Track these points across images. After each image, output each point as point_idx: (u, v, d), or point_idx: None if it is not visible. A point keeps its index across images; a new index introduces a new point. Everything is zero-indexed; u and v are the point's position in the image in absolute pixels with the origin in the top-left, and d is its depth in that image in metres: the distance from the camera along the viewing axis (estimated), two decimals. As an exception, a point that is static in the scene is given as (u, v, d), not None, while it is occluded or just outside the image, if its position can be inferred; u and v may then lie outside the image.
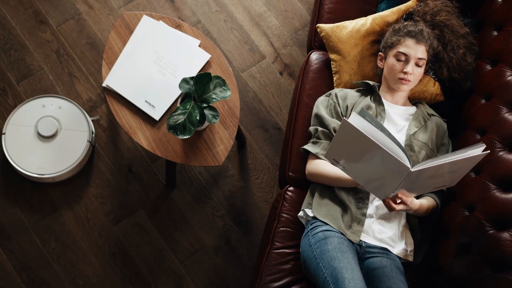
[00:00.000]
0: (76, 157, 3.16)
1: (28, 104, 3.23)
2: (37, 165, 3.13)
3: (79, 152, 3.16)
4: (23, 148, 3.15)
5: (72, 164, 3.15)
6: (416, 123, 2.64)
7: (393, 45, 2.63)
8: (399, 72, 2.60)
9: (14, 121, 3.20)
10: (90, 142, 3.19)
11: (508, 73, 2.59)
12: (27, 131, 3.18)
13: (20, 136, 3.17)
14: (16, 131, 3.18)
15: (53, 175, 3.13)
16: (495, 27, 2.77)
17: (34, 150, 3.16)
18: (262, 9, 3.58)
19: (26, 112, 3.21)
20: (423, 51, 2.61)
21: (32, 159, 3.14)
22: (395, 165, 2.16)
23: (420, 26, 2.64)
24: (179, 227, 3.19)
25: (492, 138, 2.49)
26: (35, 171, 3.12)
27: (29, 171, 3.12)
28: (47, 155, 3.15)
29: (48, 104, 3.23)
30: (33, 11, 3.49)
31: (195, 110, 2.59)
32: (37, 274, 3.09)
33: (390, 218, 2.54)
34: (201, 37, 2.91)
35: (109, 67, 2.85)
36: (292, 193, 2.73)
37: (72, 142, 3.17)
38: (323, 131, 2.64)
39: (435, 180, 2.28)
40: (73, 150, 3.16)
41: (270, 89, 3.44)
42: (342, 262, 2.37)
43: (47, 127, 3.16)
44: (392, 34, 2.66)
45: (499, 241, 2.29)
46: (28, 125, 3.18)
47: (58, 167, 3.14)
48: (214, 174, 3.28)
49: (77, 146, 3.17)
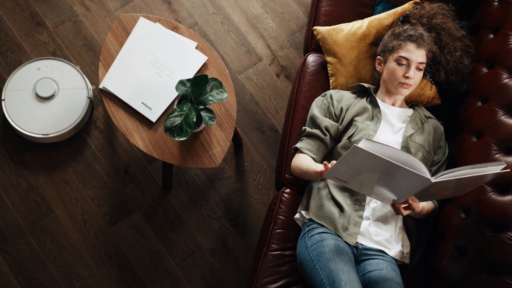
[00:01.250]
0: (78, 114, 3.23)
1: (22, 69, 3.28)
2: (41, 126, 3.20)
3: (80, 109, 3.23)
4: (25, 112, 3.22)
5: (75, 121, 3.22)
6: (413, 125, 2.65)
7: (394, 49, 2.63)
8: (401, 76, 2.60)
9: (11, 87, 3.25)
10: (90, 98, 3.26)
11: (504, 76, 2.59)
12: (26, 95, 3.24)
13: (20, 101, 3.23)
14: (15, 96, 3.24)
15: (57, 133, 3.21)
16: (491, 30, 2.78)
17: (35, 113, 3.22)
18: (259, 11, 3.58)
19: (22, 77, 3.27)
20: (423, 55, 2.61)
21: (35, 121, 3.21)
22: (414, 179, 2.13)
23: (420, 30, 2.64)
24: (175, 229, 3.19)
25: (488, 140, 2.49)
26: (39, 132, 3.19)
27: (33, 132, 3.19)
28: (49, 116, 3.22)
29: (43, 67, 3.28)
30: (29, 13, 3.49)
31: (192, 112, 2.59)
32: (33, 276, 3.09)
33: (386, 220, 2.54)
34: (198, 39, 2.91)
35: (105, 69, 2.85)
36: (289, 195, 2.73)
37: (72, 100, 3.24)
38: (310, 131, 2.65)
39: (449, 190, 2.27)
40: (74, 108, 3.23)
41: (267, 91, 3.44)
42: (339, 264, 2.37)
43: (45, 89, 3.23)
44: (393, 38, 2.66)
45: (495, 244, 2.29)
46: (26, 89, 3.24)
47: (62, 126, 3.21)
48: (210, 176, 3.28)
49: (77, 104, 3.24)
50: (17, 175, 3.22)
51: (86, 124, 3.31)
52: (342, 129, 2.65)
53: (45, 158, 3.25)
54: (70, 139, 3.28)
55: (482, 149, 2.50)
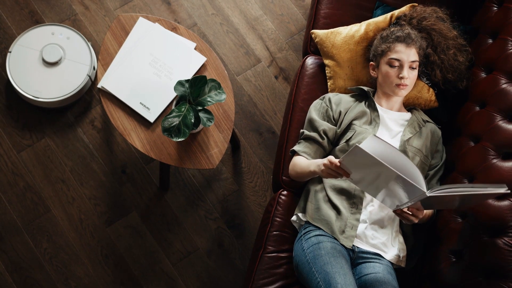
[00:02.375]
0: (73, 88, 3.25)
1: (38, 29, 3.33)
2: (35, 88, 3.23)
3: (77, 83, 3.25)
4: (25, 70, 3.26)
5: (68, 94, 3.24)
6: (410, 129, 2.65)
7: (384, 52, 2.64)
8: (395, 78, 2.60)
9: (22, 42, 3.30)
10: (90, 77, 3.28)
11: (502, 80, 2.60)
12: (32, 54, 3.28)
13: (25, 58, 3.28)
14: (22, 52, 3.28)
15: (47, 100, 3.23)
16: (490, 35, 2.78)
17: (34, 74, 3.26)
18: (258, 13, 3.58)
19: (35, 36, 3.31)
20: (414, 54, 2.62)
21: (32, 81, 3.24)
22: (410, 188, 2.14)
23: (406, 30, 2.65)
24: (172, 230, 3.18)
25: (486, 145, 2.50)
26: (32, 93, 3.22)
27: (26, 91, 3.23)
28: (46, 80, 3.25)
29: (58, 33, 3.32)
30: (29, 11, 3.49)
31: (190, 113, 2.59)
32: (29, 275, 3.09)
33: (383, 224, 2.54)
34: (197, 40, 2.91)
35: (104, 68, 2.85)
36: (286, 197, 2.73)
37: (72, 73, 3.27)
38: (308, 135, 2.65)
39: (446, 203, 2.28)
40: (71, 81, 3.26)
41: (265, 93, 3.44)
42: (335, 267, 2.37)
43: (51, 54, 3.26)
44: (381, 42, 2.67)
45: (492, 248, 2.29)
46: (34, 49, 3.28)
47: (54, 94, 3.24)
48: (208, 177, 3.28)
49: (76, 77, 3.26)
50: (14, 174, 3.22)
51: (82, 116, 3.31)
52: (340, 133, 2.65)
53: (42, 156, 3.25)
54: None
55: (480, 153, 2.50)
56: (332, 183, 2.58)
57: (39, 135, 3.28)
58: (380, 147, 2.13)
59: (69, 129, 3.31)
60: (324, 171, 2.34)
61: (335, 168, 2.28)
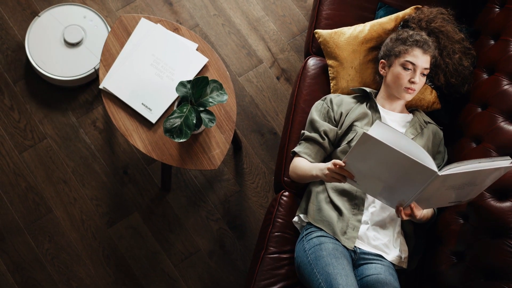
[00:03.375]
0: (76, 73, 3.29)
1: (74, 7, 3.40)
2: (42, 58, 3.30)
3: (81, 71, 3.30)
4: (43, 39, 3.33)
5: (69, 77, 3.28)
6: (412, 130, 2.65)
7: (400, 54, 2.62)
8: (406, 81, 2.60)
9: (53, 12, 3.39)
10: (96, 71, 3.32)
11: (504, 82, 2.59)
12: (56, 27, 3.35)
13: (48, 28, 3.35)
14: (48, 21, 3.37)
15: (47, 73, 3.28)
16: (492, 36, 2.78)
17: (50, 46, 3.33)
18: (260, 14, 3.58)
19: (68, 12, 3.40)
20: (427, 61, 2.62)
21: (43, 52, 3.31)
22: (421, 171, 2.12)
23: (425, 36, 2.64)
24: (173, 230, 3.19)
25: (488, 147, 2.50)
26: (37, 62, 3.29)
27: (33, 57, 3.30)
28: (55, 56, 3.31)
29: (89, 18, 3.38)
30: (31, 12, 3.49)
31: (192, 114, 2.59)
32: (30, 275, 3.09)
33: (385, 225, 2.54)
34: (198, 40, 2.91)
35: (106, 69, 2.85)
36: (287, 198, 2.73)
37: (81, 60, 3.32)
38: (309, 135, 2.65)
39: (454, 192, 2.25)
40: (77, 67, 3.31)
41: (267, 93, 3.44)
42: (337, 268, 2.37)
43: (72, 35, 3.32)
44: (399, 43, 2.65)
45: (493, 250, 2.29)
46: (61, 23, 3.35)
47: (56, 71, 3.28)
48: (209, 178, 3.28)
49: (83, 66, 3.31)
50: (15, 174, 3.22)
51: (84, 117, 3.31)
52: (341, 134, 2.65)
53: (44, 157, 3.25)
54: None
55: (481, 155, 2.50)
56: (334, 184, 2.58)
57: (41, 135, 3.29)
58: (387, 133, 2.11)
59: (71, 129, 3.31)
60: (328, 175, 2.34)
61: (339, 171, 2.28)
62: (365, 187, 2.32)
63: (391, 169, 2.16)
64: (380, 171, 2.19)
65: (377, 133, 2.10)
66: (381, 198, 2.34)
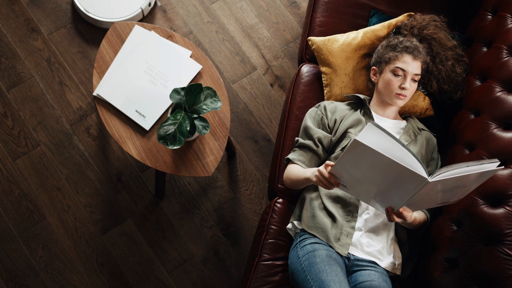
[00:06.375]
0: (120, 16, 3.46)
1: None
2: (88, 3, 3.47)
3: (126, 14, 3.47)
4: None
5: (116, 18, 3.45)
6: (406, 137, 2.66)
7: (391, 60, 2.64)
8: (397, 87, 2.61)
9: None
10: (142, 11, 3.45)
11: (497, 89, 2.60)
12: None
13: None
14: None
15: (98, 18, 3.45)
16: (484, 43, 2.79)
17: None
18: (253, 21, 3.59)
19: None
20: (418, 67, 2.63)
21: None
22: (411, 177, 2.12)
23: (415, 42, 2.66)
24: (167, 237, 3.18)
25: (481, 153, 2.50)
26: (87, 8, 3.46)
27: (82, 6, 3.47)
28: None
29: None
30: (24, 19, 3.49)
31: (186, 121, 2.59)
32: (24, 283, 3.08)
33: (378, 232, 2.54)
34: (192, 47, 2.92)
35: (100, 76, 2.85)
36: (281, 205, 2.73)
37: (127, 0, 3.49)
38: (302, 142, 2.65)
39: (443, 194, 2.24)
40: (123, 7, 3.48)
41: (261, 100, 3.45)
42: (330, 275, 2.37)
43: None
44: (389, 49, 2.66)
45: (487, 257, 2.30)
46: None
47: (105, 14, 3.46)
48: (203, 185, 3.28)
49: (132, 5, 3.48)
50: (9, 181, 3.22)
51: (78, 124, 3.30)
52: (335, 141, 2.65)
53: (37, 164, 3.25)
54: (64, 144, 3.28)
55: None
56: (327, 191, 2.59)
57: (34, 142, 3.28)
58: (378, 137, 2.10)
59: (65, 136, 3.31)
60: (317, 176, 2.33)
61: (327, 178, 2.27)
62: (357, 193, 2.32)
63: (382, 174, 2.16)
64: (371, 176, 2.19)
65: (367, 139, 2.09)
66: (373, 203, 2.34)
